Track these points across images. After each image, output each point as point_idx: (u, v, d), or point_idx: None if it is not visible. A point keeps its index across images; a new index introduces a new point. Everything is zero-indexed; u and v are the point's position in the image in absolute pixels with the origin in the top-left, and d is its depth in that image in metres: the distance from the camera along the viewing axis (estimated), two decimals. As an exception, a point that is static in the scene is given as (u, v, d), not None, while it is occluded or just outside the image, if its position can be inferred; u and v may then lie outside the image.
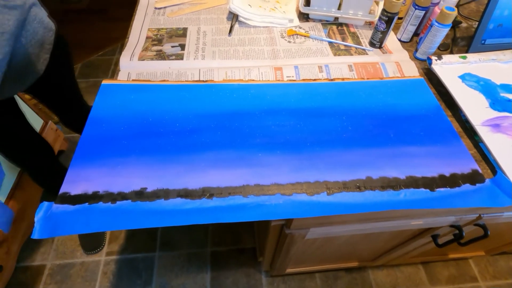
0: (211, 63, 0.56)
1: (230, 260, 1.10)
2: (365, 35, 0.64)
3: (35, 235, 0.35)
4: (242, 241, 1.15)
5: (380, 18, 0.57)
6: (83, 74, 1.68)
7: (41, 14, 0.61)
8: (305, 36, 0.64)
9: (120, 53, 0.58)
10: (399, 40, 0.64)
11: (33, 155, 0.82)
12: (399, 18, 0.65)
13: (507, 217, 0.56)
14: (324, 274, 1.07)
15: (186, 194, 0.38)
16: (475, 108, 0.48)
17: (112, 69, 1.72)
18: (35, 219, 0.36)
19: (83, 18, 2.00)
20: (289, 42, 0.62)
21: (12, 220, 0.97)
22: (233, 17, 0.66)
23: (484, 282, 1.08)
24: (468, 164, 0.42)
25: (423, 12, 0.57)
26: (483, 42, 0.56)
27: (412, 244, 0.75)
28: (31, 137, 0.80)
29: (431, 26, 0.54)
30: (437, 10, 0.57)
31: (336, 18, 0.67)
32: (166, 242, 1.14)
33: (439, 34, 0.54)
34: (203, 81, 0.52)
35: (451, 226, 0.62)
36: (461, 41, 0.63)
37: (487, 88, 0.51)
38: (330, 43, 0.62)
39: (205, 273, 1.07)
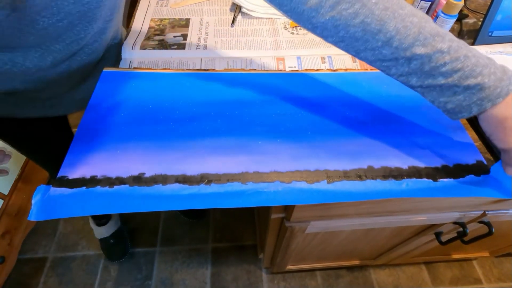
0: (213, 53, 0.56)
1: (230, 256, 1.10)
2: (370, 27, 0.63)
3: (32, 217, 0.35)
4: (243, 238, 1.14)
5: (384, 9, 0.56)
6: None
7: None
8: (308, 28, 0.63)
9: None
10: (404, 33, 0.63)
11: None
12: (405, 11, 0.64)
13: (513, 214, 0.54)
14: (325, 272, 1.06)
15: (184, 180, 0.38)
16: (481, 99, 0.47)
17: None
18: (32, 202, 0.36)
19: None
20: (292, 33, 0.62)
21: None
22: (236, 8, 0.66)
23: (489, 284, 1.06)
24: (473, 156, 0.41)
25: (429, 3, 0.56)
26: (490, 34, 0.55)
27: (415, 242, 0.74)
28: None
29: (437, 17, 0.53)
30: (443, 1, 0.56)
31: (340, 11, 0.66)
32: (167, 237, 1.14)
33: (445, 25, 0.53)
34: (205, 70, 0.52)
35: (455, 223, 0.61)
36: (467, 36, 0.62)
37: (493, 80, 0.50)
38: (334, 35, 0.62)
39: (206, 269, 1.07)
